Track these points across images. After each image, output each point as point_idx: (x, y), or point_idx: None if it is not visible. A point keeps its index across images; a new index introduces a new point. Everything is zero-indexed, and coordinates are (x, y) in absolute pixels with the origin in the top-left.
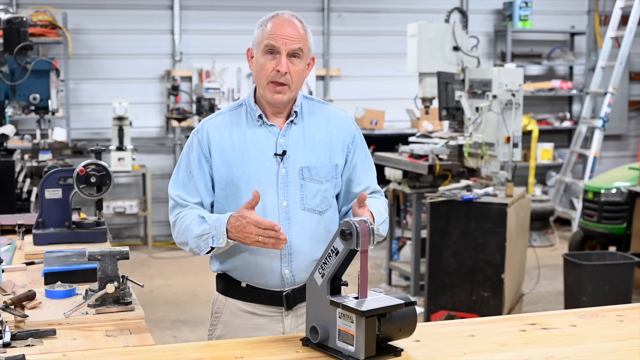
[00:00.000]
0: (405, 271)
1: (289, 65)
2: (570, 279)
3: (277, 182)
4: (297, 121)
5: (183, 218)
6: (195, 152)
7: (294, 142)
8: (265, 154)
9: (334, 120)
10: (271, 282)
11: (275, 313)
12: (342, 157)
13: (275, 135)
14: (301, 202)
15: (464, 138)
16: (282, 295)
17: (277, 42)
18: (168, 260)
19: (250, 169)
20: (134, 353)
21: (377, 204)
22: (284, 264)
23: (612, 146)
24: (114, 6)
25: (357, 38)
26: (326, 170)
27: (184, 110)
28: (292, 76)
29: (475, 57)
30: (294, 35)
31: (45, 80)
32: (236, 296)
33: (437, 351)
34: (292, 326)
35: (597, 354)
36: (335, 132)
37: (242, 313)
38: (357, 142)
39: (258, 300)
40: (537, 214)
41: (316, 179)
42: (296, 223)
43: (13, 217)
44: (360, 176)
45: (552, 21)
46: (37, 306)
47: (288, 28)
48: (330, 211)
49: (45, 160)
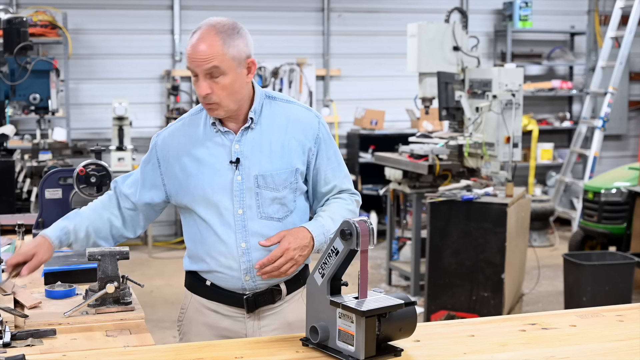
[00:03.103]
0: (405, 271)
1: (212, 84)
2: (570, 279)
3: (232, 189)
4: (253, 126)
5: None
6: (154, 155)
7: (249, 149)
8: (220, 162)
9: (295, 122)
10: (232, 286)
11: (237, 314)
12: (303, 160)
13: (231, 141)
14: (257, 210)
15: (464, 138)
16: (243, 299)
17: (191, 64)
18: (168, 260)
19: (206, 177)
20: (134, 353)
21: (338, 207)
22: (244, 271)
23: (612, 146)
24: (114, 6)
25: (357, 38)
26: (283, 176)
27: (184, 110)
28: (218, 94)
29: (475, 57)
30: (205, 54)
31: (45, 80)
32: (200, 293)
33: (437, 351)
34: (254, 328)
35: (597, 354)
36: (295, 135)
37: (205, 310)
38: (320, 143)
39: (221, 300)
40: (537, 214)
41: (272, 187)
42: (253, 231)
43: (13, 217)
44: (327, 176)
45: (552, 21)
46: (37, 306)
47: (199, 48)
48: (293, 216)
49: (45, 160)
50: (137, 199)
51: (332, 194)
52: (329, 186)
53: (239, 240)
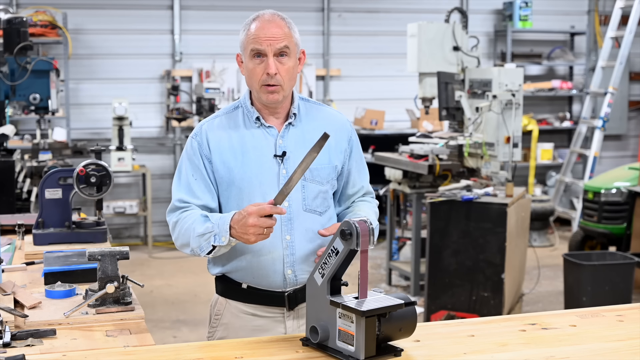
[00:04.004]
0: (405, 271)
1: (278, 65)
2: (570, 279)
3: (278, 183)
4: (295, 123)
5: (185, 219)
6: (197, 155)
7: (293, 144)
8: (265, 156)
9: (332, 123)
10: (273, 282)
11: (276, 314)
12: (340, 159)
13: (274, 136)
14: (303, 203)
15: (464, 138)
16: (284, 296)
17: (261, 44)
18: (168, 260)
19: (252, 171)
20: (134, 353)
21: (368, 209)
22: (287, 265)
23: (612, 146)
24: (114, 6)
25: (357, 38)
26: (326, 171)
27: (184, 110)
28: (282, 75)
29: (475, 57)
30: (277, 34)
31: (45, 80)
32: (237, 298)
33: (437, 351)
34: (294, 327)
35: (597, 354)
36: (334, 134)
37: (243, 315)
38: (353, 145)
39: (259, 302)
40: (537, 214)
41: (317, 180)
42: (298, 224)
43: (13, 217)
44: (355, 178)
45: (552, 21)
46: (37, 306)
47: (271, 28)
48: (330, 211)
49: (45, 160)
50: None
51: (357, 196)
52: (355, 188)
53: (284, 233)
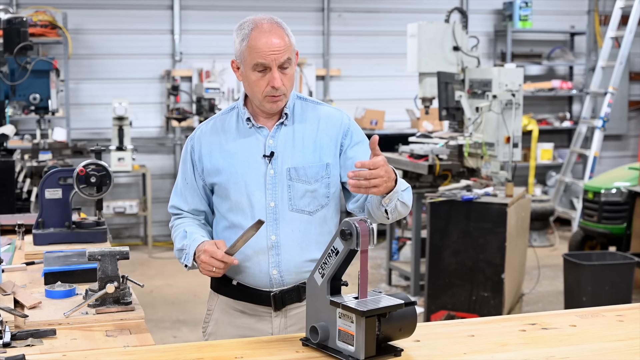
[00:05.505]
0: (405, 271)
1: (282, 76)
2: (570, 279)
3: (264, 182)
4: (287, 122)
5: (176, 227)
6: (189, 159)
7: (282, 143)
8: (252, 156)
9: (326, 119)
10: (260, 282)
11: (264, 313)
12: (335, 153)
13: (265, 137)
14: (289, 203)
15: (464, 138)
16: (270, 296)
17: (265, 59)
18: (168, 260)
19: (238, 172)
20: (134, 353)
21: None
22: (272, 265)
23: (612, 146)
24: (114, 6)
25: (357, 38)
26: (315, 170)
27: (184, 110)
28: (286, 85)
29: (475, 57)
30: (280, 47)
31: (45, 80)
32: (227, 293)
33: (437, 351)
34: (280, 327)
35: (597, 354)
36: (327, 131)
37: (232, 311)
38: (352, 135)
39: (247, 299)
40: (537, 214)
41: (304, 179)
42: (284, 224)
43: (13, 217)
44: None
45: (552, 21)
46: (37, 306)
47: (273, 40)
48: (324, 211)
49: (45, 160)
50: (200, 206)
51: None
52: None
53: (269, 233)
